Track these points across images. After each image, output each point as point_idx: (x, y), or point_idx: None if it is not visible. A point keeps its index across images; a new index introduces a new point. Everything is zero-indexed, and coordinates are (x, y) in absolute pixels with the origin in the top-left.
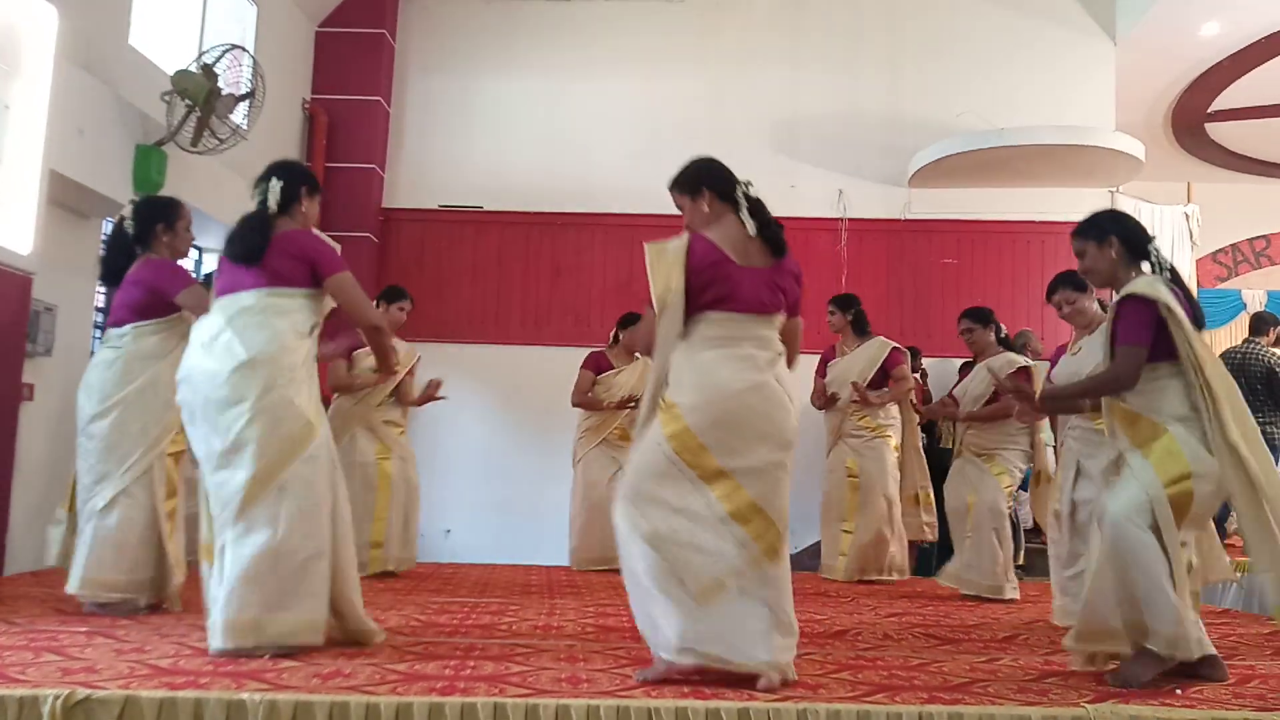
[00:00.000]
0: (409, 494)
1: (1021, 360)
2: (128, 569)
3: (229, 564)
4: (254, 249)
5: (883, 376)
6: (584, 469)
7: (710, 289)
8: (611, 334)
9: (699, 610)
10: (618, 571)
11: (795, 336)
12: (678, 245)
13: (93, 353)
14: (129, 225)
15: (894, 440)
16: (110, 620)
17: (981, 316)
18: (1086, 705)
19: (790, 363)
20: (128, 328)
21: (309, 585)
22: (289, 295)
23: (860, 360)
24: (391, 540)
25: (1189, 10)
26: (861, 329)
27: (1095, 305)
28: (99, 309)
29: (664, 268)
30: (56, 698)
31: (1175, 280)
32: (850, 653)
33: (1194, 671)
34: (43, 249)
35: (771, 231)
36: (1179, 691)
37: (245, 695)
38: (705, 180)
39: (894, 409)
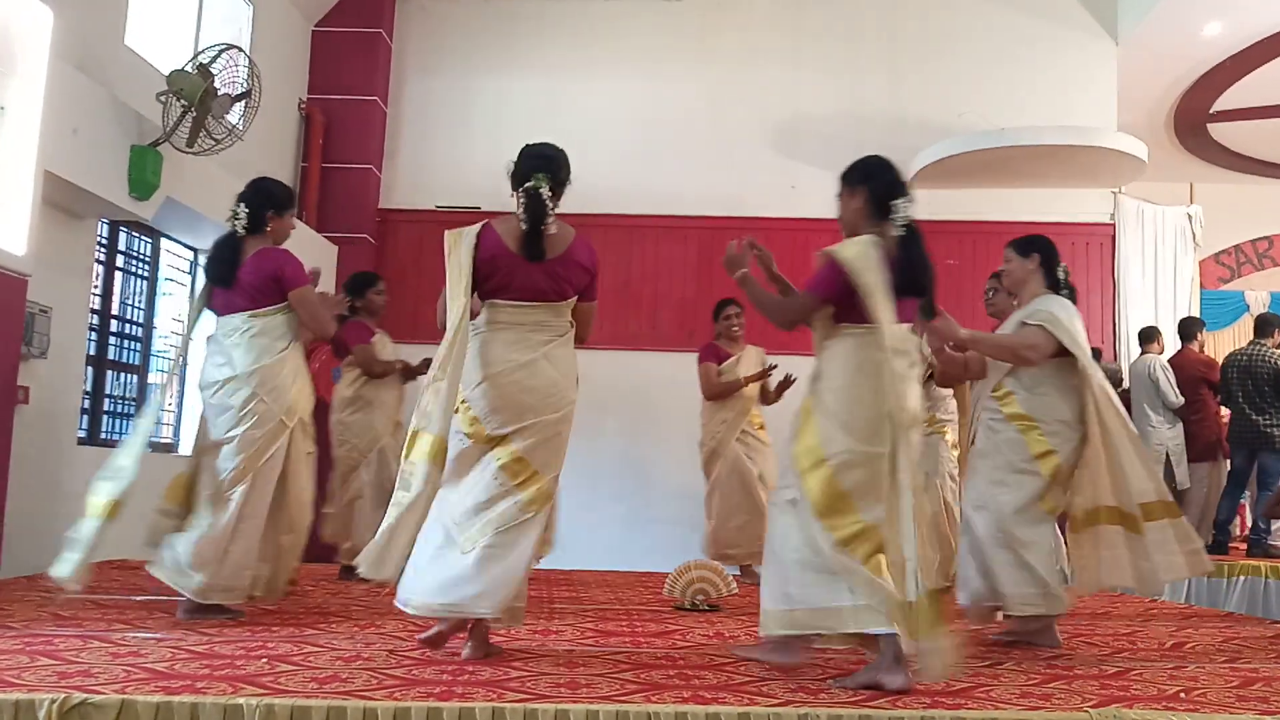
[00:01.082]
0: None
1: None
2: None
3: (191, 533)
4: (225, 274)
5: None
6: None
7: (492, 279)
8: (718, 323)
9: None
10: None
11: (584, 318)
12: (470, 236)
13: (88, 356)
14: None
15: (950, 436)
16: (105, 624)
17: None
18: (1090, 710)
19: (580, 340)
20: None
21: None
22: (267, 314)
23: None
24: None
25: (1191, 10)
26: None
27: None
28: (94, 311)
29: (456, 256)
30: (52, 702)
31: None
32: (852, 657)
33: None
34: (37, 250)
35: (531, 235)
36: (1183, 695)
37: (242, 700)
38: (515, 171)
39: (951, 403)
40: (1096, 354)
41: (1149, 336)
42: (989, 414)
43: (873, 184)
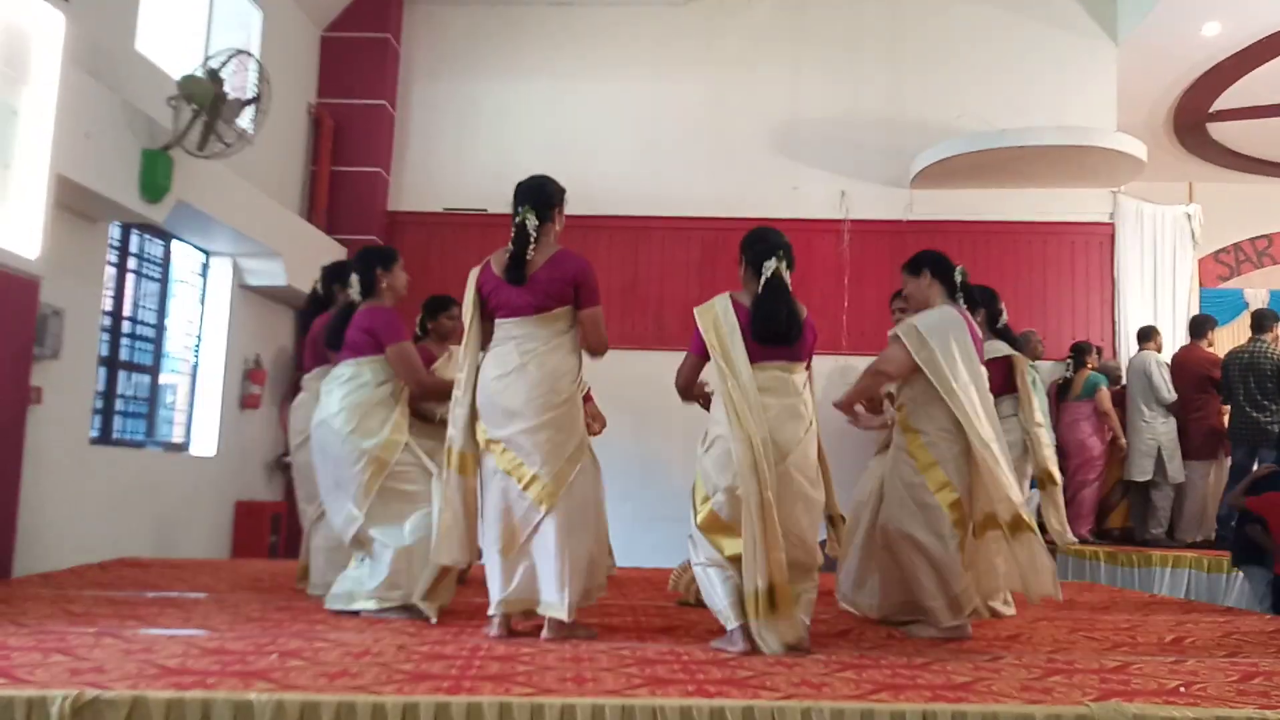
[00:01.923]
0: None
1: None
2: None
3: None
4: (334, 339)
5: None
6: None
7: (488, 302)
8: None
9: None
10: None
11: (587, 326)
12: (475, 272)
13: (100, 357)
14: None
15: None
16: (118, 621)
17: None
18: (1090, 704)
19: (588, 348)
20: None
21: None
22: (363, 363)
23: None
24: None
25: (1190, 11)
26: None
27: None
28: (106, 312)
29: (469, 286)
30: (65, 698)
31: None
32: (854, 651)
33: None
34: (50, 253)
35: (511, 262)
36: (1183, 690)
37: (253, 695)
38: (513, 208)
39: None
40: (1097, 351)
41: (1146, 335)
42: (895, 426)
43: (748, 252)
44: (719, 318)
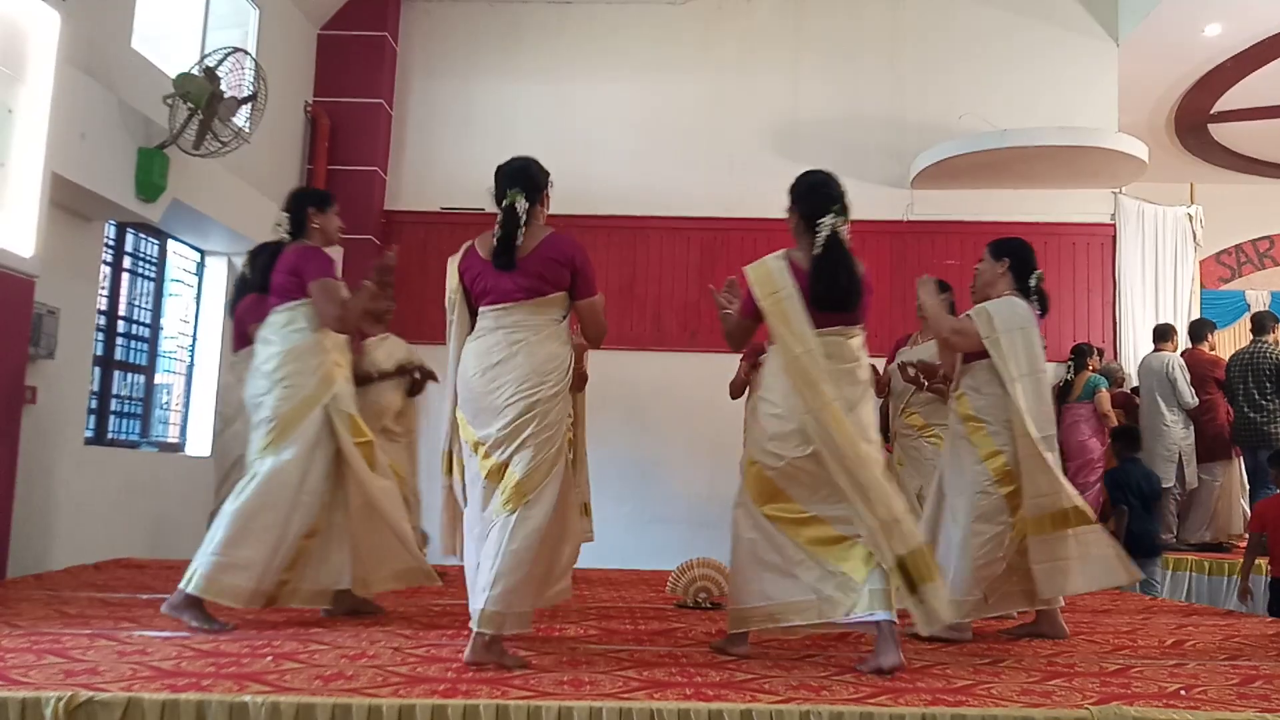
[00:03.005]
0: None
1: None
2: None
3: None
4: (260, 280)
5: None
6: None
7: (475, 289)
8: None
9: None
10: None
11: (585, 316)
12: (455, 259)
13: (95, 356)
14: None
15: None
16: (112, 622)
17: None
18: (1090, 707)
19: (588, 338)
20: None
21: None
22: (297, 308)
23: (922, 354)
24: None
25: (1192, 11)
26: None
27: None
28: (101, 312)
29: (450, 274)
30: (59, 700)
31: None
32: (854, 655)
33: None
34: (45, 252)
35: (500, 246)
36: (1184, 693)
37: (247, 697)
38: (495, 192)
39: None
40: (1099, 353)
41: (1164, 334)
42: (950, 414)
43: (801, 203)
44: (773, 279)
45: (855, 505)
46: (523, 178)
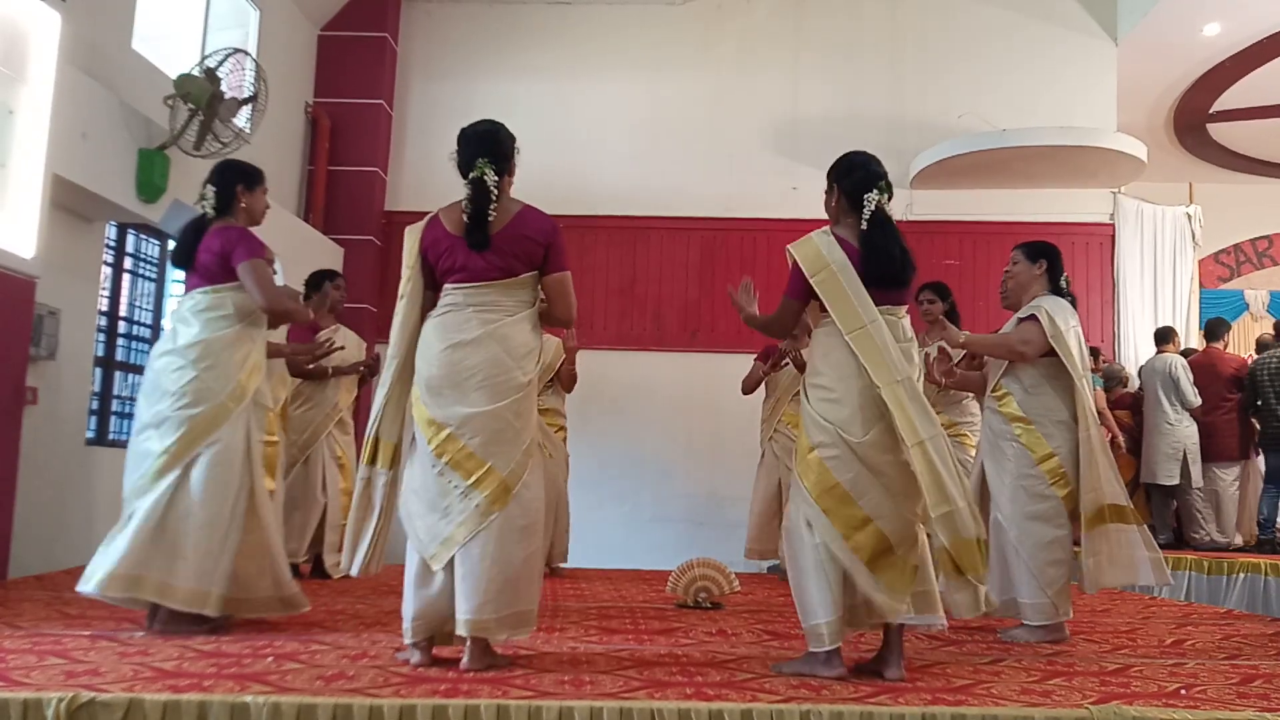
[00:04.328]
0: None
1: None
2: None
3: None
4: (183, 256)
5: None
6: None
7: (440, 264)
8: None
9: (429, 577)
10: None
11: (554, 291)
12: (416, 230)
13: (96, 357)
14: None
15: (972, 440)
16: (113, 623)
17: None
18: (1090, 706)
19: (554, 313)
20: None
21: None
22: (219, 291)
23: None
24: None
25: (1190, 11)
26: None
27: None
28: (102, 312)
29: (408, 248)
30: (60, 700)
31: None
32: (853, 654)
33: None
34: (46, 253)
35: (474, 223)
36: (1184, 692)
37: (249, 698)
38: (459, 160)
39: (973, 406)
40: (1095, 353)
41: (1165, 336)
42: (989, 414)
43: (844, 181)
44: (822, 254)
45: (922, 486)
46: (491, 145)
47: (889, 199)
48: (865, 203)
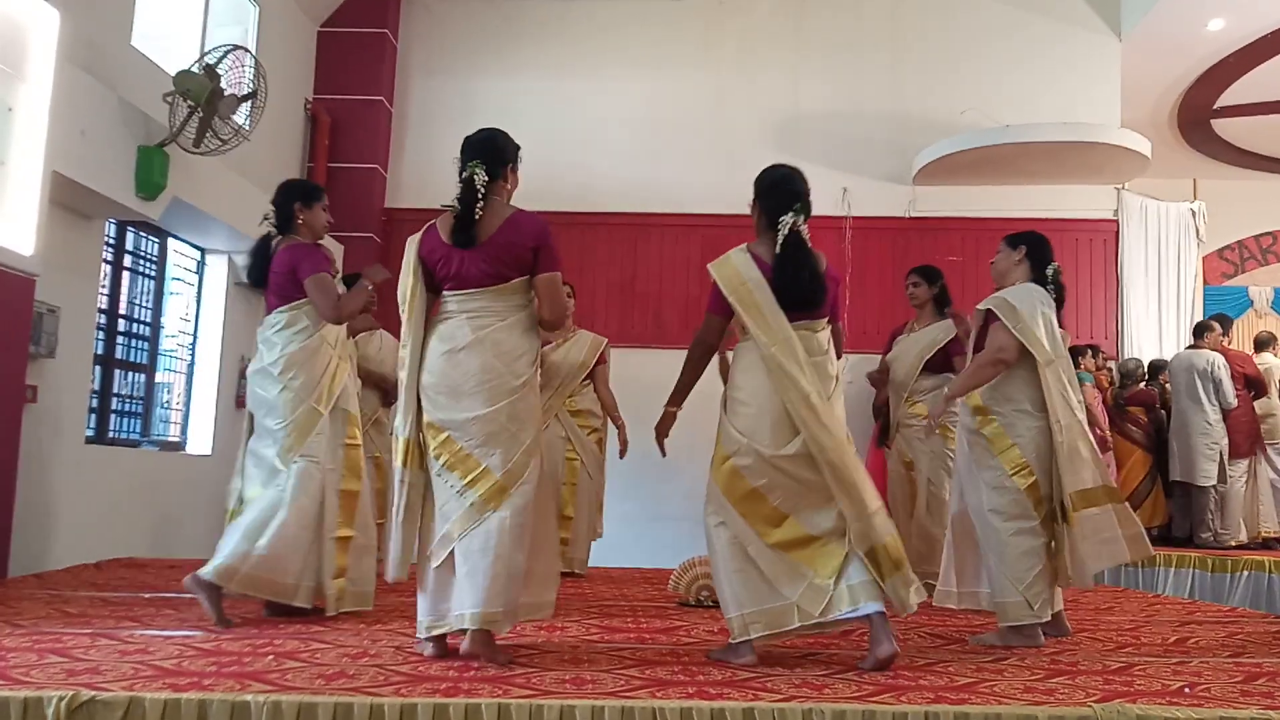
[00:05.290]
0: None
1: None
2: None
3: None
4: (255, 277)
5: (944, 360)
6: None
7: (438, 273)
8: None
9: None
10: None
11: (543, 292)
12: (414, 237)
13: (96, 355)
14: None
15: (953, 433)
16: (114, 621)
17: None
18: (1093, 705)
19: (545, 318)
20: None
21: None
22: (293, 308)
23: (922, 341)
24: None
25: (1194, 6)
26: (942, 306)
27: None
28: (102, 310)
29: (408, 255)
30: (61, 699)
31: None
32: (856, 653)
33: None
34: (45, 251)
35: (459, 223)
36: (1187, 690)
37: (249, 696)
38: (460, 166)
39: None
40: (1095, 350)
41: (1204, 330)
42: (960, 408)
43: (763, 199)
44: (740, 273)
45: (836, 496)
46: (486, 149)
47: (805, 220)
48: (780, 225)
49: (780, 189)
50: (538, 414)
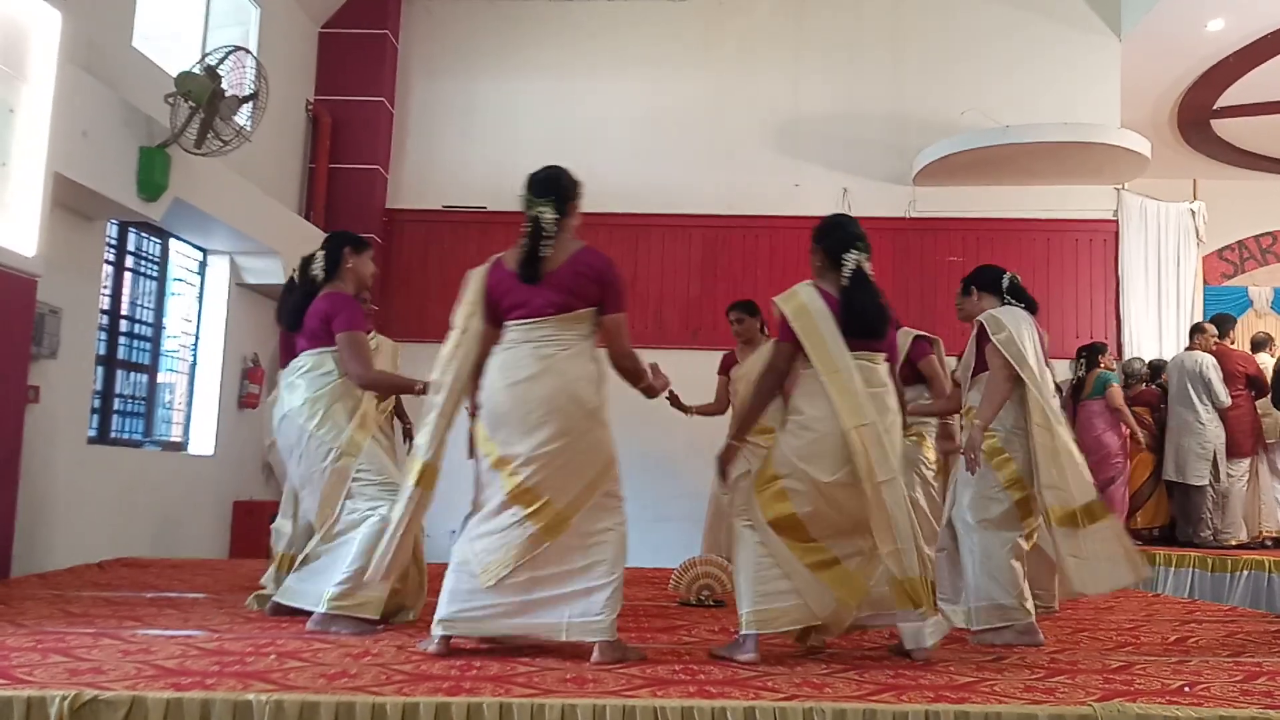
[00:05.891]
0: None
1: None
2: None
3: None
4: (292, 319)
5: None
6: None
7: (502, 303)
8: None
9: (481, 593)
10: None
11: (608, 332)
12: (481, 271)
13: (98, 356)
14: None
15: (929, 442)
16: (116, 621)
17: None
18: (1093, 704)
19: (611, 356)
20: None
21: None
22: (326, 353)
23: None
24: None
25: (1194, 6)
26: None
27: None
28: (104, 311)
29: (473, 288)
30: (64, 698)
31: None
32: (856, 652)
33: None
34: (47, 251)
35: (526, 259)
36: (1187, 690)
37: (251, 696)
38: (523, 201)
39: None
40: (1102, 349)
41: (1196, 332)
42: (965, 425)
43: (824, 241)
44: (805, 305)
45: (873, 526)
46: (553, 188)
47: (867, 258)
48: (844, 262)
49: (841, 230)
50: (610, 446)
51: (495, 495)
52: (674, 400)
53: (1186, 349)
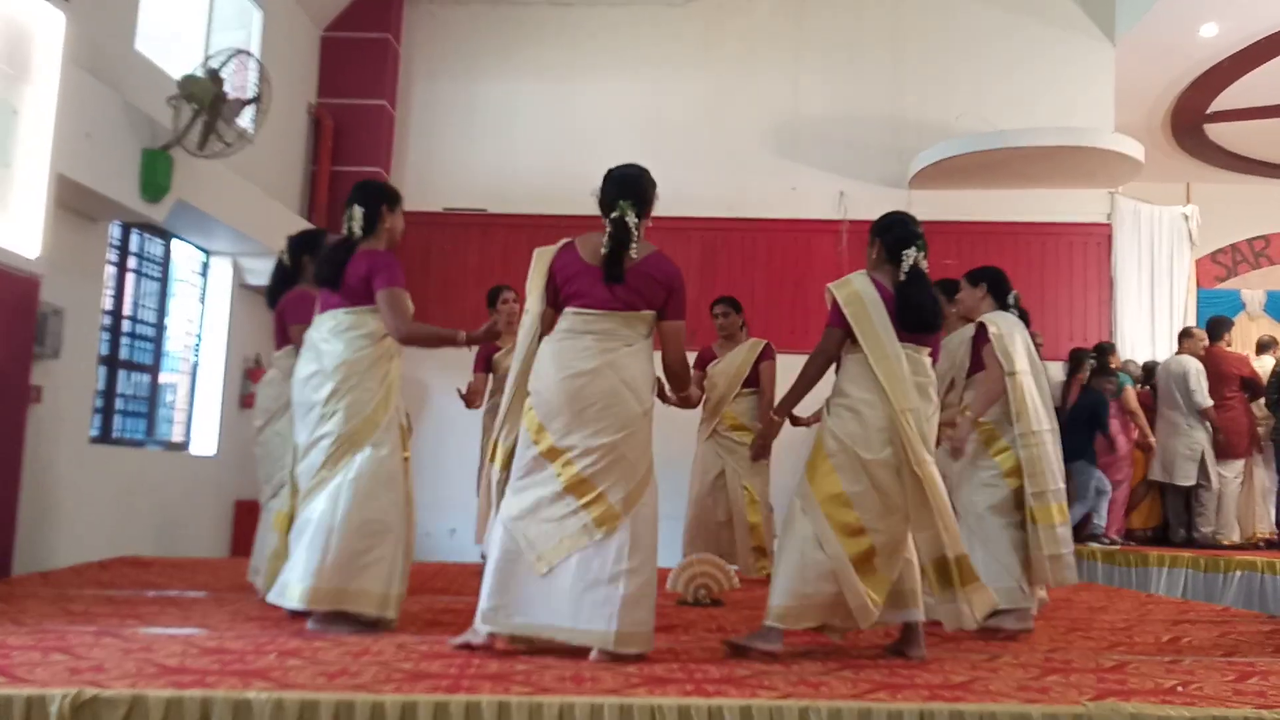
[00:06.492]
0: None
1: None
2: None
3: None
4: (332, 275)
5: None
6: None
7: (566, 289)
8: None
9: (529, 581)
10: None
11: (668, 339)
12: (549, 253)
13: (100, 356)
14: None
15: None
16: (117, 620)
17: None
18: (1087, 703)
19: (667, 361)
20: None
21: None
22: (359, 312)
23: (736, 360)
24: None
25: (1188, 11)
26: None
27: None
28: (107, 312)
29: (534, 271)
30: (64, 697)
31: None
32: (852, 651)
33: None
34: (50, 252)
35: (611, 259)
36: (1180, 689)
37: (251, 694)
38: (602, 198)
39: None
40: (1109, 348)
41: (1184, 337)
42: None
43: (885, 235)
44: (859, 292)
45: (910, 509)
46: (635, 189)
47: (925, 256)
48: (904, 258)
49: (901, 227)
50: (649, 448)
51: (547, 485)
52: (659, 391)
53: (1175, 354)
